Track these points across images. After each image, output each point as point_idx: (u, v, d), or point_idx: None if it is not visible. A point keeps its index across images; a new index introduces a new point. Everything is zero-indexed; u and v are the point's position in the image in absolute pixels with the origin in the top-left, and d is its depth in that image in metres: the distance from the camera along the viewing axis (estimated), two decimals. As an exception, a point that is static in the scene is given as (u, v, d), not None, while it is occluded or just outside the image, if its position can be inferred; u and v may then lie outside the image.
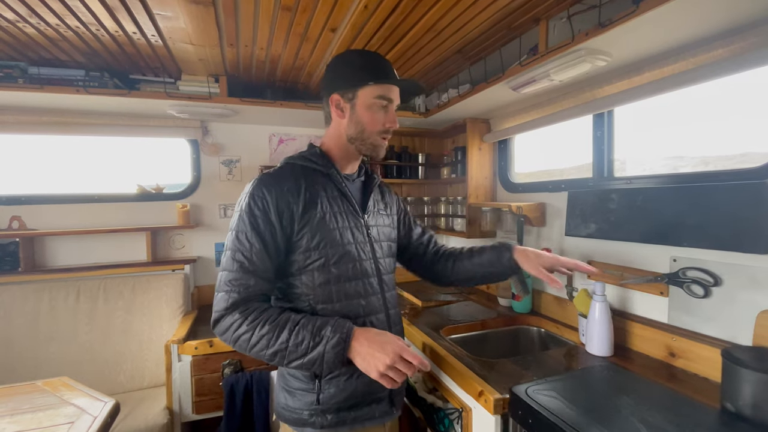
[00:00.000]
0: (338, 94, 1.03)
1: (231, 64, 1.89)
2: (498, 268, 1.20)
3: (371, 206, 1.12)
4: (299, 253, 0.96)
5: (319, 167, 1.04)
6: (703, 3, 0.91)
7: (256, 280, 0.91)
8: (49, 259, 2.13)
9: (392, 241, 1.19)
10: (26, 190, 2.12)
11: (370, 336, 0.88)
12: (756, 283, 1.03)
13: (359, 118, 1.03)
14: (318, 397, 0.96)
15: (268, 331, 0.86)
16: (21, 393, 1.35)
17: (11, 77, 1.68)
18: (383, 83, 1.02)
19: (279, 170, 1.01)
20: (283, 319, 0.88)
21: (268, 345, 0.86)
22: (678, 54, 1.17)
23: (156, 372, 2.03)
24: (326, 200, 1.01)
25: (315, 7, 1.35)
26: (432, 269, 1.33)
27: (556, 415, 0.91)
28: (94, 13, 1.36)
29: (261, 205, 0.93)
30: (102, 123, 2.11)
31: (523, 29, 1.52)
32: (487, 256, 1.22)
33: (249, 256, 0.91)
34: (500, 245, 1.22)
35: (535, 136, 1.96)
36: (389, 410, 1.05)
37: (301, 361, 0.87)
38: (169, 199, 2.32)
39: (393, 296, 1.13)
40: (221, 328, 0.90)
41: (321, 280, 0.97)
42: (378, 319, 1.04)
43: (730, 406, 0.91)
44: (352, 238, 1.02)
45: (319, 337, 0.86)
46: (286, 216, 0.94)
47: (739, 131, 1.17)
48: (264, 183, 0.96)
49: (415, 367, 0.86)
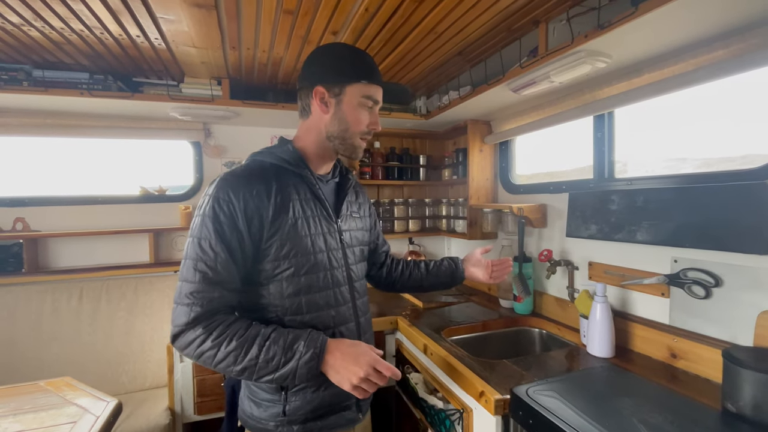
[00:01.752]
0: (324, 87, 0.96)
1: (233, 66, 1.90)
2: (448, 278, 1.34)
3: (344, 210, 1.06)
4: (267, 261, 0.90)
5: (291, 167, 0.96)
6: (701, 5, 0.92)
7: (220, 292, 0.84)
8: (52, 261, 2.14)
9: (364, 245, 1.15)
10: (30, 191, 2.13)
11: (344, 348, 0.86)
12: (757, 284, 1.03)
13: (344, 115, 0.97)
14: (284, 408, 0.92)
15: (236, 347, 0.81)
16: (24, 393, 1.36)
17: (16, 80, 1.69)
18: (373, 84, 0.98)
19: (246, 169, 0.92)
20: (252, 334, 0.83)
21: (235, 362, 0.81)
22: (677, 55, 1.17)
23: (158, 373, 2.04)
24: (298, 204, 0.93)
25: (316, 10, 1.36)
26: (388, 279, 1.33)
27: (556, 416, 0.91)
28: (99, 17, 1.37)
29: (227, 209, 0.85)
30: (105, 125, 2.13)
31: (523, 31, 1.52)
32: (445, 264, 1.35)
33: (213, 266, 0.83)
34: (450, 257, 1.37)
35: (536, 137, 1.97)
36: (356, 416, 1.02)
37: (272, 377, 0.83)
38: (171, 200, 2.33)
39: (364, 303, 1.08)
40: (182, 344, 0.82)
41: (290, 290, 0.91)
42: (348, 328, 1.00)
43: (731, 406, 0.91)
44: (324, 245, 0.96)
45: (291, 353, 0.82)
46: (255, 222, 0.86)
47: (739, 133, 1.17)
48: (230, 184, 0.87)
49: (387, 378, 0.85)
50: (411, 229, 2.53)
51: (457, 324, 1.67)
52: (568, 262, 1.60)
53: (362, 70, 0.97)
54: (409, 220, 2.53)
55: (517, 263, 1.74)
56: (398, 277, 1.33)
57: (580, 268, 1.57)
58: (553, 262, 1.64)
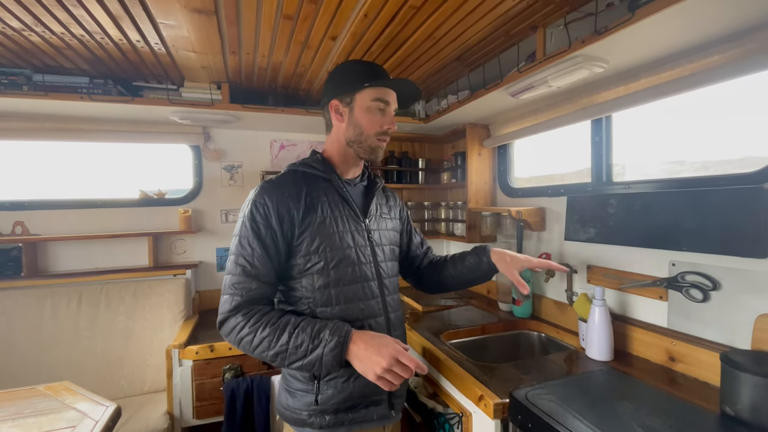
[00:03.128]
0: (337, 99, 1.06)
1: (233, 71, 1.91)
2: (478, 273, 1.24)
3: (373, 210, 1.14)
4: (300, 256, 0.98)
5: (320, 173, 1.06)
6: (697, 10, 0.93)
7: (258, 284, 0.94)
8: (51, 265, 2.14)
9: (395, 245, 1.20)
10: (29, 195, 2.14)
11: (368, 339, 0.89)
12: (754, 287, 1.04)
13: (357, 120, 1.05)
14: (316, 397, 0.98)
15: (269, 333, 0.89)
16: (23, 397, 1.35)
17: (16, 84, 1.70)
18: (378, 86, 1.04)
19: (281, 177, 1.04)
20: (283, 322, 0.90)
21: (269, 347, 0.89)
22: (674, 60, 1.18)
23: (157, 377, 2.03)
24: (327, 205, 1.02)
25: (316, 16, 1.37)
26: (422, 279, 1.37)
27: (555, 420, 0.91)
28: (99, 22, 1.38)
29: (262, 211, 0.96)
30: (105, 129, 2.14)
31: (521, 37, 1.54)
32: (468, 261, 1.25)
33: (251, 261, 0.94)
34: (478, 249, 1.26)
35: (534, 141, 1.97)
36: (388, 413, 1.05)
37: (301, 363, 0.89)
38: (171, 204, 2.34)
39: (395, 300, 1.13)
40: (226, 330, 0.93)
41: (320, 283, 0.98)
42: (377, 322, 1.05)
43: (730, 410, 0.91)
44: (352, 242, 1.03)
45: (318, 340, 0.88)
46: (286, 220, 0.97)
47: (737, 135, 1.18)
48: (266, 190, 0.98)
49: (412, 371, 0.87)
50: (410, 232, 2.53)
51: (456, 327, 1.67)
52: (567, 265, 1.60)
53: (366, 75, 1.04)
54: (409, 224, 2.53)
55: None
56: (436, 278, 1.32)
57: (578, 272, 1.58)
58: (551, 266, 1.64)
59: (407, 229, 1.34)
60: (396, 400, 1.08)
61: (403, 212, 1.32)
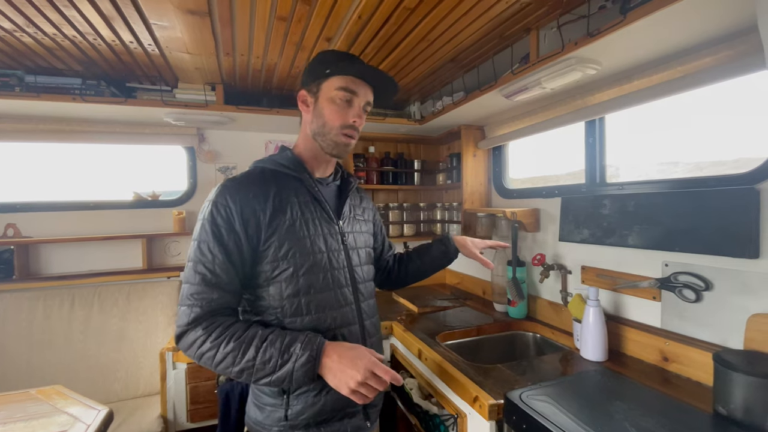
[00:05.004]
0: (305, 89, 1.01)
1: (227, 72, 1.90)
2: (445, 260, 1.35)
3: (347, 212, 1.07)
4: (266, 263, 0.90)
5: (290, 171, 0.98)
6: (688, 13, 0.93)
7: (219, 293, 0.85)
8: (43, 267, 2.12)
9: (370, 248, 1.15)
10: (21, 197, 2.12)
11: (342, 351, 0.84)
12: (747, 288, 1.04)
13: (321, 111, 0.98)
14: (286, 413, 0.91)
15: (234, 348, 0.81)
16: (14, 401, 1.34)
17: (8, 85, 1.69)
18: (343, 74, 0.96)
19: (246, 175, 0.96)
20: (249, 335, 0.83)
21: (233, 362, 0.81)
22: (666, 62, 1.19)
23: (150, 380, 2.02)
24: (297, 206, 0.95)
25: (310, 17, 1.37)
26: (389, 277, 1.36)
27: (549, 421, 0.91)
28: (91, 23, 1.37)
29: (224, 213, 0.87)
30: (98, 131, 2.12)
31: (515, 39, 1.54)
32: (436, 251, 1.34)
33: (212, 268, 0.85)
34: (443, 239, 1.36)
35: (528, 142, 1.98)
36: (363, 424, 1.00)
37: (269, 379, 0.82)
38: (165, 206, 2.32)
39: (370, 305, 1.07)
40: (185, 344, 0.84)
41: (289, 291, 0.91)
42: (350, 331, 0.98)
43: (722, 409, 0.92)
44: (324, 246, 0.96)
45: (287, 355, 0.81)
46: (251, 224, 0.88)
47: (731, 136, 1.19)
48: (228, 190, 0.90)
49: (386, 383, 0.83)
50: (406, 233, 2.54)
51: (451, 329, 1.67)
52: (561, 266, 1.61)
53: (332, 63, 0.98)
54: (404, 225, 2.53)
55: (510, 268, 1.74)
56: (403, 273, 1.36)
57: (573, 272, 1.58)
58: (546, 266, 1.64)
59: (380, 231, 1.30)
60: (371, 410, 1.03)
61: (376, 215, 1.27)
